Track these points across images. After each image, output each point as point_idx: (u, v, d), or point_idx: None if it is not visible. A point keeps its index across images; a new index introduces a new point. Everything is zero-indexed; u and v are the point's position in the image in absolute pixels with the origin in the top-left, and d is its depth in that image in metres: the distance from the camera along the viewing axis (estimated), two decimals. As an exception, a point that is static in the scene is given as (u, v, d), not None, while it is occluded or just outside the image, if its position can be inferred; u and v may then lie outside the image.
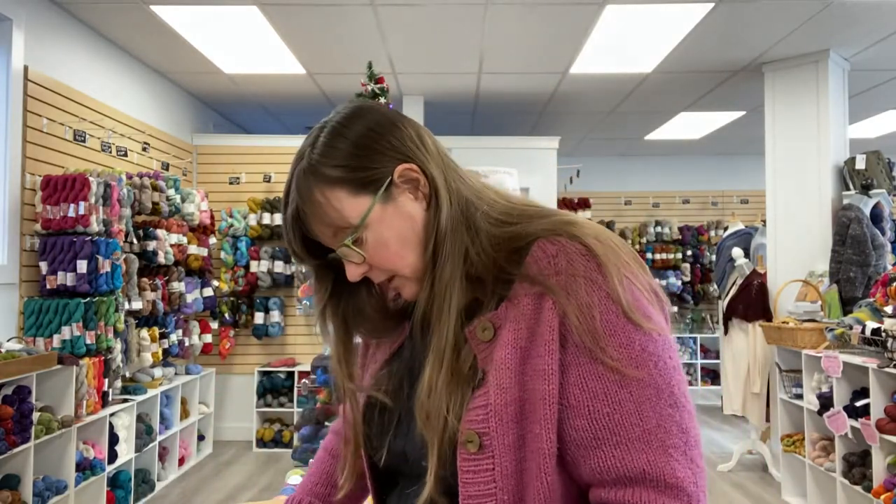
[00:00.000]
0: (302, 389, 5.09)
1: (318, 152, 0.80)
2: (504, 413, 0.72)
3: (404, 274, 0.82)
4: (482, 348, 0.76)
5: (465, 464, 0.73)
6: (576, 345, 0.72)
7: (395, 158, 0.80)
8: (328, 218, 0.79)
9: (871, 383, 3.21)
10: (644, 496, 0.69)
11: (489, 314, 0.77)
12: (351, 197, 0.79)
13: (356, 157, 0.79)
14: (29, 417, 3.01)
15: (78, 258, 3.48)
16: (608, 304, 0.73)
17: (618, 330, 0.72)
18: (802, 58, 4.67)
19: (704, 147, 7.84)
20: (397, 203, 0.80)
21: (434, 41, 4.43)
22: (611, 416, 0.71)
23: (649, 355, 0.72)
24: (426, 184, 0.81)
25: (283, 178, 5.69)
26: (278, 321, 5.63)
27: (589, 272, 0.74)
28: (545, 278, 0.74)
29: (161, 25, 4.15)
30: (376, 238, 0.80)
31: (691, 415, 0.73)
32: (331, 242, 0.81)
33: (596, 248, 0.75)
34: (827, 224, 4.53)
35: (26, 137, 3.54)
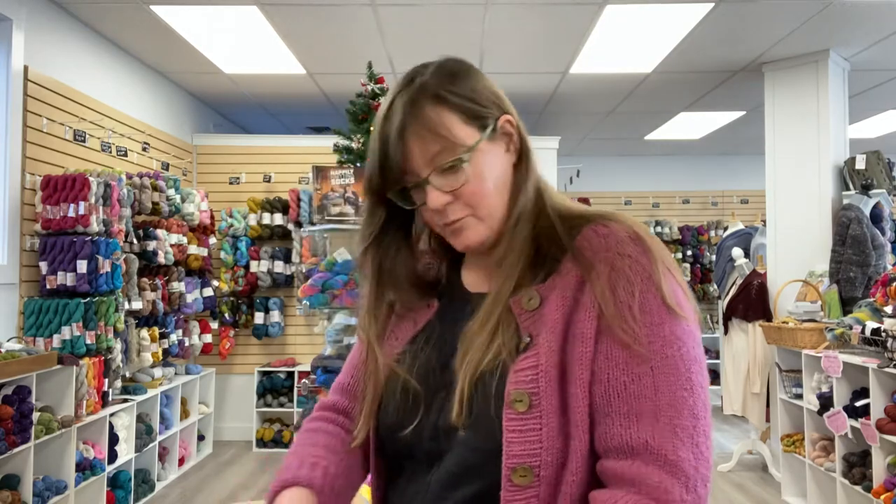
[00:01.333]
0: (302, 389, 5.09)
1: (431, 76, 0.84)
2: (552, 374, 0.75)
3: (482, 215, 0.84)
4: (526, 316, 0.79)
5: (512, 423, 0.75)
6: (611, 316, 0.75)
7: (498, 106, 0.86)
8: (435, 137, 0.81)
9: (871, 383, 3.21)
10: (642, 469, 0.71)
11: (536, 286, 0.81)
12: (461, 123, 0.82)
13: (469, 90, 0.84)
14: (29, 417, 3.01)
15: (78, 258, 3.48)
16: (649, 285, 0.77)
17: (653, 310, 0.76)
18: (802, 58, 4.67)
19: (704, 147, 7.84)
20: (497, 147, 0.85)
21: (434, 41, 4.43)
22: (626, 386, 0.74)
23: (676, 339, 0.76)
24: (517, 140, 0.87)
25: (283, 178, 5.70)
26: (278, 321, 5.63)
27: (636, 255, 0.78)
28: (594, 254, 0.79)
29: (161, 25, 4.15)
30: (477, 170, 0.83)
31: (705, 406, 0.75)
32: (425, 164, 0.83)
33: (644, 237, 0.80)
34: (827, 224, 4.53)
35: (26, 137, 3.54)
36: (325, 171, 3.10)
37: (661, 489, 0.70)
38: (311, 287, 3.03)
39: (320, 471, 0.88)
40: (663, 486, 0.70)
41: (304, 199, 5.45)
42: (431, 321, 0.91)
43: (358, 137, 3.38)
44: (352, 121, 3.46)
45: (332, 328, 3.29)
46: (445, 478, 0.81)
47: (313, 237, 3.45)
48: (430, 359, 0.87)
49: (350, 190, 3.08)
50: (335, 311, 3.28)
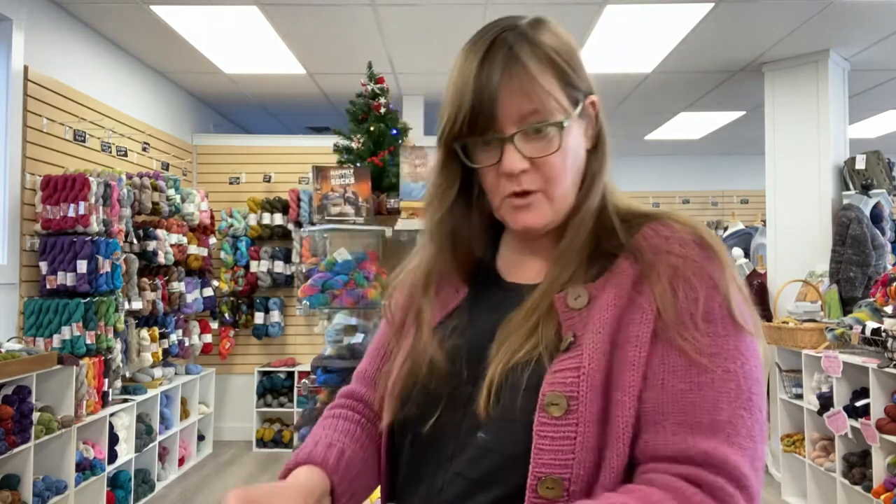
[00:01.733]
0: (302, 389, 5.09)
1: (538, 33, 0.77)
2: (595, 378, 0.68)
3: (553, 194, 0.77)
4: (569, 315, 0.73)
5: (544, 428, 0.68)
6: (671, 321, 0.69)
7: (589, 85, 0.79)
8: (534, 95, 0.74)
9: (871, 383, 3.21)
10: (704, 474, 0.64)
11: (586, 284, 0.74)
12: (560, 90, 0.76)
13: (574, 60, 0.78)
14: (29, 417, 3.01)
15: (78, 258, 3.48)
16: (714, 293, 0.71)
17: (716, 320, 0.70)
18: (802, 58, 4.67)
19: (704, 147, 7.84)
20: (581, 126, 0.79)
21: (434, 41, 4.43)
22: (684, 395, 0.67)
23: (739, 354, 0.70)
24: (595, 125, 0.81)
25: (283, 178, 5.70)
26: (278, 321, 5.63)
27: (702, 259, 0.72)
28: (654, 254, 0.73)
29: (161, 25, 4.15)
30: (567, 142, 0.76)
31: (762, 432, 0.69)
32: (514, 121, 0.74)
33: (711, 242, 0.74)
34: (827, 224, 4.53)
35: (26, 137, 3.54)
36: (325, 171, 3.10)
37: (727, 494, 0.63)
38: (311, 287, 3.03)
39: (335, 452, 0.82)
40: (728, 491, 0.64)
41: (304, 199, 5.45)
42: (461, 307, 0.84)
43: (358, 137, 3.38)
44: (352, 121, 3.46)
45: (332, 328, 3.29)
46: (461, 483, 0.73)
47: (313, 237, 3.45)
48: (457, 349, 0.79)
49: (350, 190, 3.08)
50: (335, 311, 3.28)
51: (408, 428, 0.80)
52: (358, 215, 3.06)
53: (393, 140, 3.38)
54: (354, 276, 3.04)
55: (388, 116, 3.41)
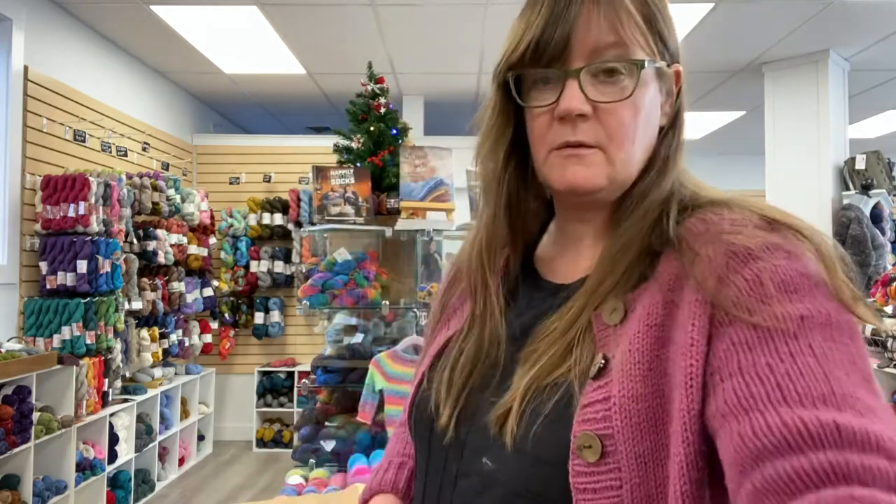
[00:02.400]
0: (302, 389, 5.09)
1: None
2: (632, 409, 0.53)
3: (614, 156, 0.62)
4: (605, 333, 0.59)
5: (581, 480, 0.53)
6: (731, 304, 0.52)
7: (677, 52, 0.66)
8: (625, 27, 0.61)
9: (871, 383, 3.21)
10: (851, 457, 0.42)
11: (625, 294, 0.60)
12: (648, 36, 0.62)
13: (666, 14, 0.65)
14: (29, 417, 3.01)
15: (78, 258, 3.48)
16: (790, 262, 0.53)
17: (797, 283, 0.51)
18: (802, 58, 4.67)
19: (704, 147, 7.84)
20: (658, 94, 0.65)
21: (434, 41, 4.43)
22: (776, 369, 0.47)
23: (846, 322, 0.50)
24: (674, 103, 0.67)
25: (283, 178, 5.70)
26: (278, 321, 5.63)
27: (766, 234, 0.55)
28: (697, 242, 0.57)
29: (161, 25, 4.15)
30: (640, 96, 0.62)
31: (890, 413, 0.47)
32: (583, 54, 0.61)
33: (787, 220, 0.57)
34: (827, 224, 4.53)
35: (26, 137, 3.54)
36: (325, 171, 3.10)
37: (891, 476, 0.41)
38: (311, 287, 3.03)
39: (406, 473, 0.75)
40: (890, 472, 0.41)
41: (304, 199, 5.45)
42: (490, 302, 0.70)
43: (358, 137, 3.38)
44: (352, 121, 3.46)
45: (332, 328, 3.29)
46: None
47: (313, 237, 3.45)
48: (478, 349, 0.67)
49: (350, 190, 3.08)
50: (335, 311, 3.28)
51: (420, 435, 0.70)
52: (358, 215, 3.06)
53: (393, 140, 3.38)
54: (354, 276, 3.04)
55: (388, 116, 3.41)
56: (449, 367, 0.68)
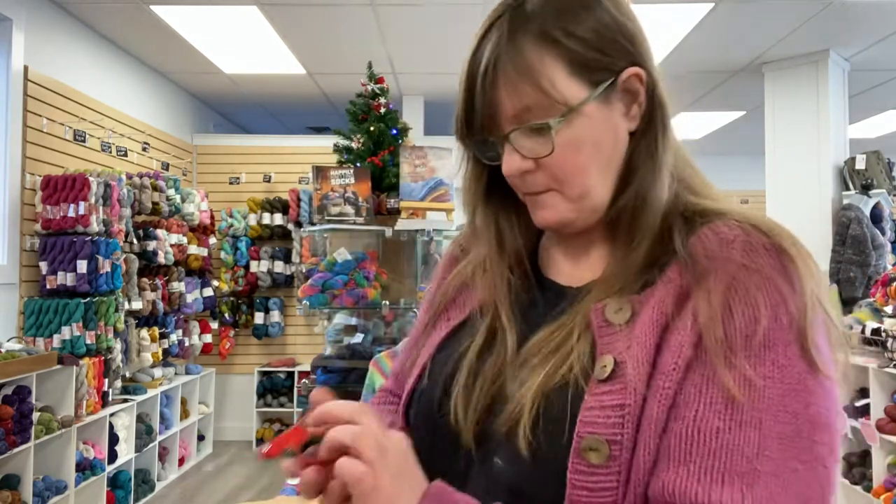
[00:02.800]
0: (302, 389, 5.09)
1: (547, 9, 0.63)
2: (635, 417, 0.56)
3: (570, 194, 0.65)
4: (607, 331, 0.60)
5: (580, 478, 0.56)
6: (715, 343, 0.55)
7: (628, 53, 0.64)
8: (531, 87, 0.62)
9: (871, 383, 3.21)
10: None
11: (631, 295, 0.62)
12: (567, 75, 0.62)
13: (591, 29, 0.63)
14: (29, 417, 3.01)
15: (78, 258, 3.48)
16: (781, 314, 0.56)
17: (779, 348, 0.55)
18: (802, 58, 4.67)
19: (704, 147, 7.84)
20: (611, 110, 0.64)
21: (434, 41, 4.43)
22: (719, 434, 0.53)
23: (805, 390, 0.54)
24: (644, 102, 0.66)
25: (283, 178, 5.70)
26: (278, 321, 5.63)
27: (772, 270, 0.57)
28: (709, 260, 0.59)
29: (161, 25, 4.15)
30: (572, 138, 0.63)
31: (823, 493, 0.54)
32: (508, 119, 0.64)
33: (791, 249, 0.59)
34: (827, 224, 4.53)
35: (26, 137, 3.54)
36: (325, 171, 3.10)
37: None
38: (311, 287, 3.03)
39: None
40: None
41: (304, 199, 5.45)
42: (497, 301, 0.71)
43: (358, 137, 3.38)
44: (352, 121, 3.46)
45: (332, 328, 3.29)
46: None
47: (313, 237, 3.45)
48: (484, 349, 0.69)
49: (350, 190, 3.08)
50: (335, 311, 3.28)
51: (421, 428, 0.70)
52: (358, 215, 3.06)
53: (393, 140, 3.38)
54: (354, 276, 3.04)
55: (388, 116, 3.41)
56: (454, 364, 0.68)
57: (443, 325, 0.75)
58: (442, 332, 0.73)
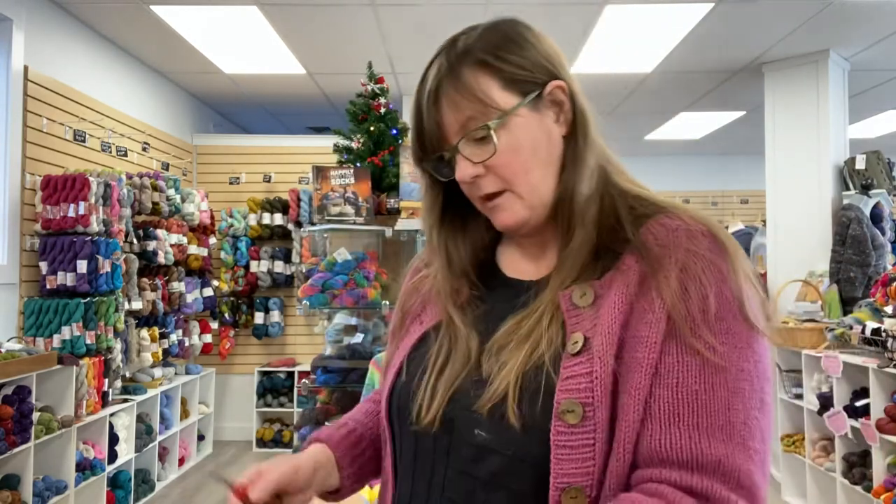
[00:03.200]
0: (302, 389, 5.09)
1: (475, 38, 0.78)
2: (606, 382, 0.67)
3: (520, 191, 0.76)
4: (575, 314, 0.71)
5: (561, 437, 0.66)
6: (682, 320, 0.67)
7: (549, 71, 0.77)
8: (469, 100, 0.74)
9: (871, 383, 3.21)
10: (716, 489, 0.63)
11: (592, 280, 0.73)
12: (499, 88, 0.75)
13: (515, 54, 0.76)
14: (29, 417, 3.01)
15: (78, 258, 3.48)
16: (725, 290, 0.69)
17: (728, 318, 0.68)
18: (802, 58, 4.67)
19: (704, 147, 7.84)
20: (542, 116, 0.77)
21: (434, 41, 4.39)
22: (698, 396, 0.65)
23: (753, 353, 0.68)
24: (570, 110, 0.78)
25: (283, 178, 5.70)
26: (278, 321, 5.63)
27: (711, 256, 0.70)
28: (661, 249, 0.70)
29: (161, 25, 4.15)
30: (510, 140, 0.75)
31: (770, 431, 0.68)
32: (455, 133, 0.76)
33: (721, 235, 0.72)
34: (827, 224, 4.53)
35: (26, 137, 3.54)
36: (325, 171, 3.10)
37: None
38: (311, 287, 3.03)
39: (344, 430, 0.89)
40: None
41: (304, 199, 5.45)
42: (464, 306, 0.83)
43: (358, 137, 3.38)
44: (352, 121, 3.46)
45: (332, 328, 3.29)
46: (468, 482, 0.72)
47: (313, 237, 3.45)
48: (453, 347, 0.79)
49: (350, 190, 3.08)
50: (335, 311, 3.28)
51: (405, 418, 0.79)
52: (358, 215, 3.06)
53: (393, 140, 3.38)
54: (354, 276, 3.04)
55: (388, 116, 3.41)
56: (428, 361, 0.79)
57: (416, 328, 0.85)
58: (415, 335, 0.84)
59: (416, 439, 0.78)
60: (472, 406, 0.72)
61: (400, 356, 0.84)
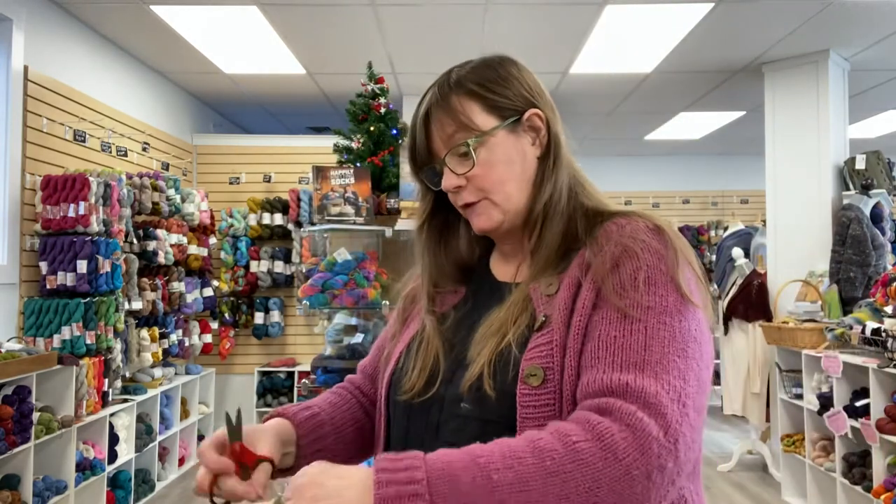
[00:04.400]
0: (302, 389, 5.08)
1: (467, 71, 0.90)
2: (561, 348, 0.76)
3: (496, 200, 0.88)
4: (543, 301, 0.82)
5: (526, 398, 0.75)
6: (610, 286, 0.76)
7: (529, 100, 0.90)
8: (455, 120, 0.87)
9: (871, 383, 3.21)
10: (619, 402, 0.68)
11: (557, 274, 0.84)
12: (481, 111, 0.87)
13: (498, 84, 0.89)
14: (29, 417, 3.01)
15: (78, 258, 3.48)
16: (660, 265, 0.77)
17: (658, 283, 0.76)
18: (802, 58, 4.67)
19: (704, 147, 7.84)
20: (518, 138, 0.89)
21: (434, 41, 4.43)
22: (616, 340, 0.73)
23: (678, 312, 0.75)
24: (545, 135, 0.90)
25: (283, 178, 5.70)
26: (278, 321, 5.63)
27: (653, 241, 0.79)
28: (607, 240, 0.81)
29: (161, 25, 4.15)
30: (488, 156, 0.87)
31: (699, 379, 0.72)
32: (443, 145, 0.88)
33: (666, 230, 0.81)
34: (827, 224, 4.53)
35: (26, 137, 3.54)
36: (325, 171, 3.10)
37: (636, 418, 0.66)
38: (311, 287, 3.03)
39: (308, 412, 0.96)
40: (638, 416, 0.66)
41: (304, 199, 5.45)
42: (458, 304, 0.94)
43: (358, 137, 3.38)
44: (352, 121, 3.46)
45: (332, 328, 3.29)
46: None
47: (313, 237, 3.45)
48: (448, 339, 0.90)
49: (350, 190, 3.08)
50: (335, 311, 3.28)
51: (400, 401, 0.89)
52: (358, 215, 3.06)
53: (393, 140, 3.38)
54: (354, 276, 3.04)
55: (388, 116, 3.41)
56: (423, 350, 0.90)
57: (415, 325, 0.96)
58: (412, 330, 0.95)
59: (408, 419, 0.88)
60: (457, 387, 0.82)
61: (399, 349, 0.95)
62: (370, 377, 1.05)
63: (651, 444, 0.65)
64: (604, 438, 0.65)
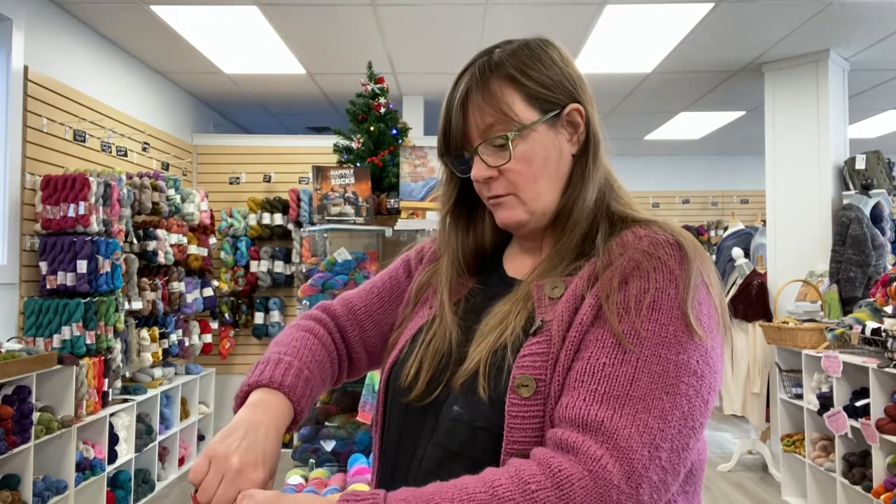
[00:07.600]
0: (302, 389, 5.09)
1: (508, 53, 0.84)
2: (555, 361, 0.73)
3: (525, 197, 0.84)
4: (544, 303, 0.79)
5: (515, 408, 0.73)
6: (610, 308, 0.73)
7: (570, 93, 0.85)
8: (494, 109, 0.82)
9: (871, 383, 3.21)
10: (588, 443, 0.66)
11: (565, 277, 0.80)
12: (523, 102, 0.82)
13: (541, 74, 0.83)
14: (29, 417, 3.01)
15: (78, 258, 3.48)
16: (669, 288, 0.73)
17: (663, 310, 0.72)
18: (802, 58, 4.67)
19: (704, 147, 7.84)
20: (557, 134, 0.84)
21: (434, 41, 4.43)
22: (604, 367, 0.70)
23: (679, 344, 0.71)
24: (584, 132, 0.86)
25: (283, 178, 5.70)
26: (278, 321, 5.63)
27: (667, 259, 0.75)
28: (621, 251, 0.77)
29: (161, 25, 4.15)
30: (526, 150, 0.82)
31: (684, 421, 0.68)
32: (477, 136, 0.84)
33: (686, 246, 0.77)
34: (827, 224, 4.53)
35: (26, 137, 3.54)
36: (325, 171, 3.10)
37: (600, 465, 0.64)
38: (311, 287, 3.03)
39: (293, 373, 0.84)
40: (602, 462, 0.65)
41: (304, 199, 5.45)
42: (466, 297, 0.91)
43: (358, 137, 3.38)
44: (352, 121, 3.46)
45: (332, 328, 3.29)
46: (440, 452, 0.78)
47: (313, 237, 3.45)
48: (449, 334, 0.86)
49: (350, 190, 3.08)
50: (335, 311, 3.27)
51: (398, 399, 0.86)
52: (358, 215, 3.06)
53: (393, 140, 3.38)
54: (354, 276, 3.04)
55: (388, 116, 3.41)
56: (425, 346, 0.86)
57: (425, 311, 0.92)
58: (420, 319, 0.91)
59: (404, 416, 0.85)
60: (451, 383, 0.80)
61: (405, 337, 0.91)
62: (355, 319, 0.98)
63: (611, 493, 0.64)
64: (563, 487, 0.64)
